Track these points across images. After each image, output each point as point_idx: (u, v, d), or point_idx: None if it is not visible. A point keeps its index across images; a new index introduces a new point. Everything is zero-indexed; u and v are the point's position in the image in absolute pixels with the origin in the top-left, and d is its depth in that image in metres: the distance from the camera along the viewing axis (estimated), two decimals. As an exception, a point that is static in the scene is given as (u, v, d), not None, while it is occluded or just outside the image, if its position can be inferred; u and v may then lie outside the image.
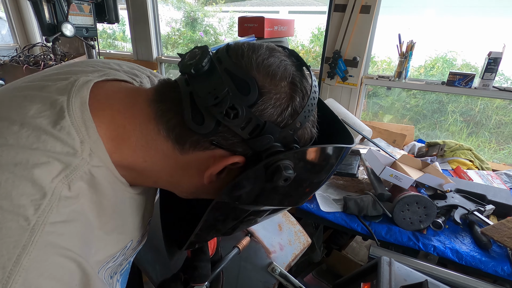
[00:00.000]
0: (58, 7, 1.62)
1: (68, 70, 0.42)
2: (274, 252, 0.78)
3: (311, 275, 1.52)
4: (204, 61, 0.35)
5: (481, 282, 0.89)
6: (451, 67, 2.35)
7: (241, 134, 0.35)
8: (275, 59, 0.36)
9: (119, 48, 3.38)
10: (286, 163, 0.34)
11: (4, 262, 0.28)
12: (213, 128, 0.35)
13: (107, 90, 0.40)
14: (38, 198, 0.30)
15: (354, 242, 1.60)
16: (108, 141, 0.36)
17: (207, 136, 0.36)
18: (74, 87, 0.37)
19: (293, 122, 0.36)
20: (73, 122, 0.34)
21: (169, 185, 0.44)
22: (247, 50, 0.36)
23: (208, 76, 0.35)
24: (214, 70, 0.35)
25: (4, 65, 2.48)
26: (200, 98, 0.34)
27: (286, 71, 0.36)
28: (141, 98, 0.39)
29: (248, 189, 0.37)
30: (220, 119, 0.34)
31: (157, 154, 0.38)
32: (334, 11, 1.78)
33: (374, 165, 1.21)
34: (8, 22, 2.97)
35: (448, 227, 1.12)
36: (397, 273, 0.70)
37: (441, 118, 2.08)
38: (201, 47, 0.37)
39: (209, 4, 4.26)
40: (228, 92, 0.34)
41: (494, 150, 1.98)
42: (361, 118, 2.02)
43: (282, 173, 0.34)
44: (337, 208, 1.20)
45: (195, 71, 0.35)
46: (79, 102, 0.36)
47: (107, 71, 0.43)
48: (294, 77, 0.36)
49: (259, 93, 0.34)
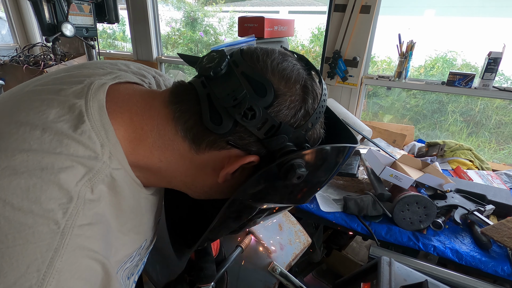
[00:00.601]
0: (58, 7, 1.62)
1: (79, 72, 0.43)
2: (275, 251, 0.78)
3: (311, 275, 1.52)
4: (222, 65, 0.37)
5: (481, 282, 0.89)
6: (451, 67, 2.35)
7: (257, 134, 0.37)
8: (288, 63, 0.38)
9: (119, 48, 3.38)
10: (299, 161, 0.36)
11: (39, 265, 0.29)
12: (230, 128, 0.36)
13: (123, 93, 0.41)
14: (65, 202, 0.31)
15: (354, 242, 1.60)
16: (126, 143, 0.38)
17: (224, 136, 0.37)
18: (90, 91, 0.37)
19: (305, 123, 0.38)
20: (93, 126, 0.35)
21: (183, 185, 0.45)
22: (261, 55, 0.38)
23: (226, 78, 0.37)
24: (231, 73, 0.37)
25: (4, 65, 2.48)
26: (218, 100, 0.36)
27: (299, 75, 0.38)
28: (157, 100, 0.40)
29: (262, 187, 0.38)
30: (239, 119, 0.36)
31: (173, 154, 0.40)
32: (334, 11, 1.78)
33: (374, 165, 1.21)
34: (8, 22, 2.97)
35: (448, 227, 1.12)
36: (397, 273, 0.70)
37: (441, 118, 2.08)
38: (219, 51, 0.38)
39: (209, 4, 4.26)
40: (246, 94, 0.35)
41: (494, 150, 1.98)
42: (361, 118, 2.02)
43: (296, 171, 0.35)
44: (337, 208, 1.20)
45: (214, 74, 0.37)
46: (97, 106, 0.36)
47: (118, 73, 0.44)
48: (306, 80, 0.39)
49: (275, 95, 0.36)
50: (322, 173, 0.42)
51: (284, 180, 0.36)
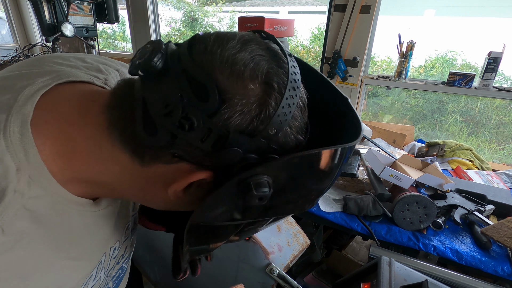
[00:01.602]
0: (58, 7, 1.62)
1: (25, 72, 0.37)
2: (273, 253, 0.78)
3: (311, 275, 1.52)
4: (154, 60, 0.28)
5: (481, 282, 0.89)
6: (451, 67, 2.35)
7: (202, 147, 0.29)
8: (245, 53, 0.29)
9: (119, 48, 3.38)
10: (260, 179, 0.29)
11: None
12: (168, 140, 0.29)
13: (57, 98, 0.34)
14: None
15: (354, 242, 1.59)
16: (56, 158, 0.32)
17: (166, 149, 0.30)
18: (16, 103, 0.32)
19: (265, 129, 0.29)
20: (8, 147, 0.29)
21: (137, 198, 0.40)
22: (212, 44, 0.29)
23: (161, 78, 0.29)
24: (167, 71, 0.29)
25: (4, 65, 2.48)
26: (150, 106, 0.29)
27: (257, 68, 0.29)
28: (97, 103, 0.33)
29: (224, 209, 0.32)
30: (173, 131, 0.28)
31: (115, 167, 0.33)
32: (334, 11, 1.78)
33: (374, 165, 1.21)
34: (8, 22, 2.97)
35: (448, 227, 1.11)
36: (397, 273, 0.69)
37: (441, 118, 2.08)
38: (154, 41, 0.31)
39: (209, 4, 4.26)
40: (182, 98, 0.28)
41: (494, 150, 1.98)
42: (361, 118, 2.01)
43: (252, 192, 0.28)
44: (337, 208, 1.20)
45: (143, 73, 0.29)
46: (20, 122, 0.31)
47: (61, 72, 0.37)
48: (269, 75, 0.29)
49: (222, 98, 0.28)
50: (309, 182, 0.34)
51: (243, 201, 0.30)
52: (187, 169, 0.31)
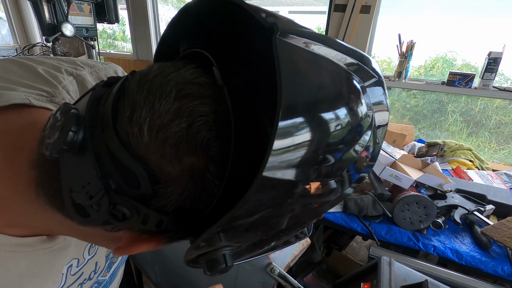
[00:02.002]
0: (58, 7, 1.62)
1: None
2: (273, 252, 0.78)
3: (311, 275, 1.52)
4: (66, 141, 0.22)
5: (481, 282, 0.89)
6: (451, 67, 2.35)
7: (144, 228, 0.24)
8: (180, 121, 0.21)
9: (119, 48, 3.38)
10: (220, 253, 0.24)
11: None
12: (104, 221, 0.24)
13: None
14: None
15: (354, 242, 1.59)
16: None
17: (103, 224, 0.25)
18: None
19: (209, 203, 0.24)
20: None
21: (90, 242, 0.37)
22: (143, 103, 0.22)
23: (79, 158, 0.23)
24: (86, 149, 0.22)
25: (4, 65, 2.49)
26: (74, 194, 0.23)
27: (195, 140, 0.22)
28: (24, 151, 0.27)
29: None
30: (107, 220, 0.23)
31: (53, 222, 0.28)
32: (334, 11, 1.78)
33: (374, 165, 1.21)
34: (8, 22, 2.97)
35: (448, 227, 1.11)
36: (397, 273, 0.69)
37: (441, 118, 2.08)
38: (64, 111, 0.23)
39: (209, 4, 4.25)
40: (109, 187, 0.22)
41: (494, 150, 1.98)
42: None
43: (217, 268, 0.24)
44: (337, 208, 1.20)
45: (53, 154, 0.23)
46: None
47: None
48: (209, 146, 0.22)
49: (156, 182, 0.22)
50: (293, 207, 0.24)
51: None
52: (134, 237, 0.26)
